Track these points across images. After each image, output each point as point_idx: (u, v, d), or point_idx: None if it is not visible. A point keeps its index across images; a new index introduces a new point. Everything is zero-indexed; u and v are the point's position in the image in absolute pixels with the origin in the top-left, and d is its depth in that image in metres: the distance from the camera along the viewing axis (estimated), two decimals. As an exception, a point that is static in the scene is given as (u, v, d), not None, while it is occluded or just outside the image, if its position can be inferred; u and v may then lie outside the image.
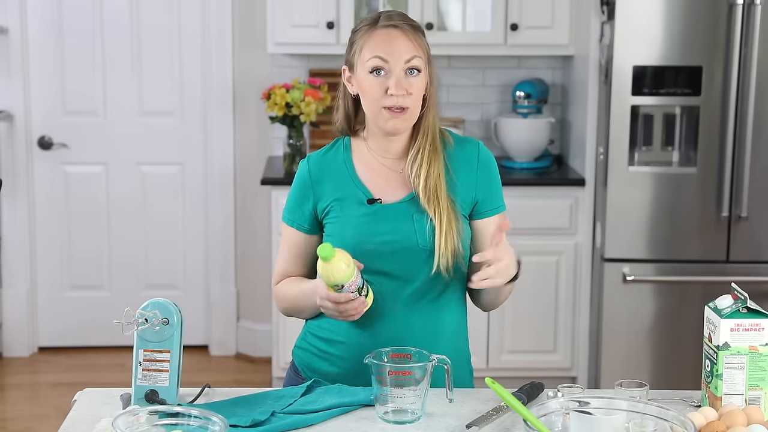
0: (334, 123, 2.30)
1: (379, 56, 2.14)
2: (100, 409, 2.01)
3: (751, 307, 1.95)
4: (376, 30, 2.17)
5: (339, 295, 2.05)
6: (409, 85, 2.14)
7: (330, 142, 2.30)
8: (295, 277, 2.27)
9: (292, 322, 2.41)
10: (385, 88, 2.14)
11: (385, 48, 2.14)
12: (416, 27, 2.20)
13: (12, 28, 4.74)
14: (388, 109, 2.15)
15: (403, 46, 2.15)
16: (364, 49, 2.16)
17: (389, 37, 2.15)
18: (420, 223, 2.18)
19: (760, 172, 4.05)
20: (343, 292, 2.04)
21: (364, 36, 2.18)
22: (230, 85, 4.83)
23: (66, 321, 5.00)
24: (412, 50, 2.15)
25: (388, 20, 2.17)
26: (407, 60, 2.14)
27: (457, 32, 4.54)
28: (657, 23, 3.99)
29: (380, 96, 2.14)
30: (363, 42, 2.17)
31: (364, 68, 2.16)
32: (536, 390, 2.10)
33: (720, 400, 1.95)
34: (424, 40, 2.20)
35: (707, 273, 4.11)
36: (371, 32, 2.17)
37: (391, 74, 2.14)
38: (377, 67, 2.14)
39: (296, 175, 2.28)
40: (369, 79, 2.15)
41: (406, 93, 2.14)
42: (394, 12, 2.22)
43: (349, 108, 2.26)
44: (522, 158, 4.59)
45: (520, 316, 4.39)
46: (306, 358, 2.27)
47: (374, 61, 2.14)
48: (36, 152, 4.86)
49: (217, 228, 4.95)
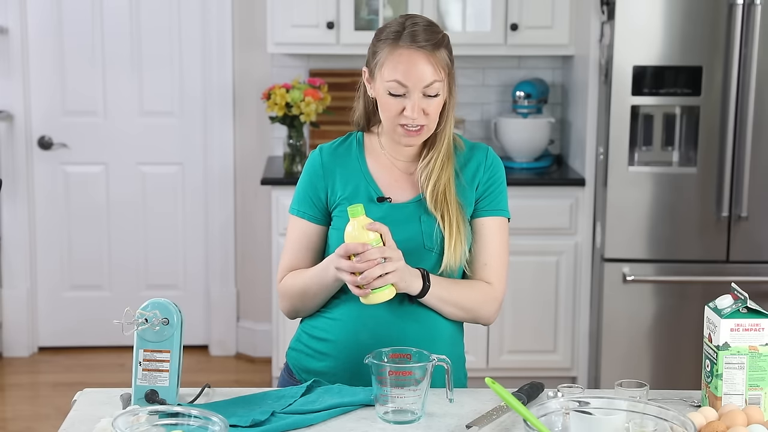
0: (352, 117, 2.29)
1: (398, 81, 2.11)
2: (100, 409, 2.01)
3: (751, 307, 1.95)
4: (398, 49, 2.12)
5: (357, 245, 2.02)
6: (426, 105, 2.13)
7: (342, 136, 2.30)
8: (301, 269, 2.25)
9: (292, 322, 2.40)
10: (402, 108, 2.13)
11: (404, 73, 2.11)
12: (438, 43, 2.14)
13: (12, 28, 4.74)
14: (403, 127, 2.14)
15: (424, 70, 2.11)
16: (385, 67, 2.13)
17: (410, 61, 2.11)
18: (427, 225, 2.18)
19: (760, 172, 4.05)
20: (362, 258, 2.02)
21: (386, 52, 2.13)
22: (230, 85, 4.83)
23: (66, 321, 5.00)
24: (432, 75, 2.12)
25: (411, 39, 2.12)
26: (426, 85, 2.12)
27: (457, 32, 4.54)
28: (657, 23, 3.99)
29: (396, 115, 2.14)
30: (384, 58, 2.13)
31: (383, 85, 2.14)
32: (536, 390, 2.10)
33: (720, 400, 1.95)
34: (446, 54, 2.16)
35: (707, 273, 4.11)
36: (394, 50, 2.12)
37: (410, 97, 2.12)
38: (396, 90, 2.12)
39: (306, 165, 2.27)
40: (386, 97, 2.14)
41: (422, 114, 2.13)
42: (420, 25, 2.15)
43: (369, 106, 2.26)
44: (522, 158, 4.59)
45: (520, 316, 4.40)
46: (300, 359, 2.27)
47: (393, 84, 2.12)
48: (36, 152, 4.86)
49: (217, 228, 4.95)
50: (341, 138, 2.30)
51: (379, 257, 2.03)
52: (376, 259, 2.03)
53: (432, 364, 1.96)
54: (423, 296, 2.14)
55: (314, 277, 2.18)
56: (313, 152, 2.27)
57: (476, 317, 2.24)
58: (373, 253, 2.03)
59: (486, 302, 2.22)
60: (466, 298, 2.20)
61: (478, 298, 2.21)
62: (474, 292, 2.21)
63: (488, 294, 2.23)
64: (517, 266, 4.15)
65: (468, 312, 2.22)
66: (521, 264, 4.26)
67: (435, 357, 1.97)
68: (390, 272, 2.04)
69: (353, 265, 2.03)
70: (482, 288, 2.22)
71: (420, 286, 2.12)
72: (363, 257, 2.03)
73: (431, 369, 1.96)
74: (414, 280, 2.11)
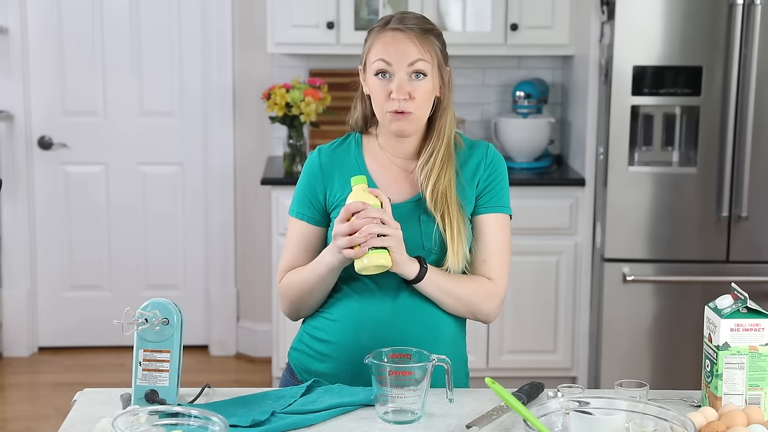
0: (348, 119, 2.29)
1: (382, 59, 2.15)
2: (100, 409, 2.01)
3: (751, 307, 1.95)
4: (384, 32, 2.17)
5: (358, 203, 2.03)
6: (412, 89, 2.14)
7: (341, 137, 2.30)
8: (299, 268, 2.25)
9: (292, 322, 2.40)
10: (389, 91, 2.14)
11: (388, 51, 2.14)
12: (427, 30, 2.18)
13: (12, 28, 4.74)
14: (391, 113, 2.15)
15: (408, 49, 2.14)
16: (371, 50, 2.18)
17: (394, 40, 2.15)
18: (426, 225, 2.18)
19: (760, 172, 4.05)
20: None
21: (373, 37, 2.19)
22: (230, 85, 4.83)
23: (66, 321, 5.00)
24: (416, 54, 2.14)
25: (398, 23, 2.17)
26: (410, 63, 2.14)
27: (457, 32, 4.54)
28: (657, 23, 3.99)
29: (384, 99, 2.15)
30: (371, 43, 2.19)
31: (371, 69, 2.17)
32: (536, 390, 2.09)
33: (720, 400, 1.95)
34: (437, 43, 2.18)
35: (707, 273, 4.11)
36: (379, 34, 2.17)
37: (394, 77, 2.14)
38: (381, 69, 2.15)
39: (305, 167, 2.27)
40: (375, 82, 2.17)
41: (408, 97, 2.14)
42: (410, 14, 2.21)
43: (366, 107, 2.26)
44: (522, 158, 4.59)
45: (520, 316, 4.40)
46: (301, 360, 2.27)
47: (378, 63, 2.15)
48: (36, 152, 4.87)
49: (217, 228, 4.95)
50: (340, 139, 2.30)
51: (378, 217, 2.03)
52: (375, 218, 2.03)
53: (432, 364, 1.96)
54: (419, 281, 2.13)
55: (311, 271, 2.18)
56: (312, 153, 2.27)
57: (476, 312, 2.22)
58: (373, 212, 2.04)
59: (486, 297, 2.20)
60: (465, 290, 2.18)
61: (478, 291, 2.20)
62: (474, 285, 2.20)
63: (489, 289, 2.21)
64: (517, 266, 4.14)
65: (467, 305, 2.20)
66: (521, 264, 4.26)
67: (435, 357, 1.97)
68: (388, 235, 2.05)
69: (353, 223, 2.04)
70: (483, 282, 2.21)
71: (416, 270, 2.11)
72: (362, 214, 2.03)
73: (431, 369, 1.96)
74: (410, 262, 2.11)
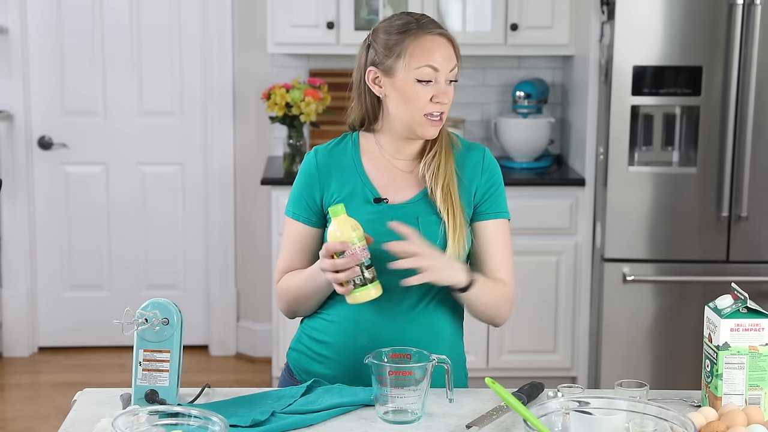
0: (347, 119, 2.28)
1: (431, 66, 2.12)
2: (100, 409, 2.01)
3: (751, 307, 1.95)
4: (426, 35, 2.14)
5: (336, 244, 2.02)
6: (450, 93, 2.16)
7: (337, 138, 2.29)
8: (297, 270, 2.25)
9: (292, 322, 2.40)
10: (431, 95, 2.13)
11: (435, 57, 2.13)
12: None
13: (12, 28, 4.74)
14: (427, 117, 2.14)
15: (450, 54, 2.15)
16: (413, 55, 2.13)
17: (441, 46, 2.14)
18: (425, 225, 2.17)
19: (760, 172, 4.05)
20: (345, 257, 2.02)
21: (411, 41, 2.13)
22: (230, 85, 4.83)
23: (66, 321, 5.00)
24: (454, 60, 2.16)
25: (434, 26, 2.16)
26: (451, 70, 2.15)
27: (457, 32, 4.53)
28: (657, 23, 3.99)
29: (425, 103, 2.14)
30: (411, 48, 2.13)
31: (410, 74, 2.13)
32: (536, 390, 2.10)
33: (720, 400, 1.95)
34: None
35: (707, 273, 4.11)
36: (420, 37, 2.13)
37: (438, 83, 2.14)
38: (427, 75, 2.13)
39: (302, 167, 2.26)
40: (416, 87, 2.13)
41: (448, 101, 2.15)
42: (426, 17, 2.19)
43: (369, 108, 2.22)
44: (522, 158, 4.59)
45: (520, 316, 4.39)
46: (300, 360, 2.27)
47: (426, 70, 2.12)
48: (36, 152, 4.87)
49: (217, 228, 4.95)
50: (336, 139, 2.28)
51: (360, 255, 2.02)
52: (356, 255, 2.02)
53: (432, 364, 1.96)
54: (466, 291, 2.13)
55: (308, 279, 2.18)
56: (308, 154, 2.26)
57: (497, 316, 2.23)
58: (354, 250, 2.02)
59: (507, 302, 2.24)
60: (498, 297, 2.20)
61: (507, 297, 2.23)
62: (502, 291, 2.22)
63: (508, 294, 2.24)
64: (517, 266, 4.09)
65: (496, 309, 2.21)
66: (521, 264, 4.24)
67: (435, 357, 1.97)
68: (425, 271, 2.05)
69: (334, 263, 2.03)
70: (502, 287, 2.23)
71: (464, 279, 2.11)
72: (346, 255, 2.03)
73: (431, 369, 1.96)
74: (455, 272, 2.11)
